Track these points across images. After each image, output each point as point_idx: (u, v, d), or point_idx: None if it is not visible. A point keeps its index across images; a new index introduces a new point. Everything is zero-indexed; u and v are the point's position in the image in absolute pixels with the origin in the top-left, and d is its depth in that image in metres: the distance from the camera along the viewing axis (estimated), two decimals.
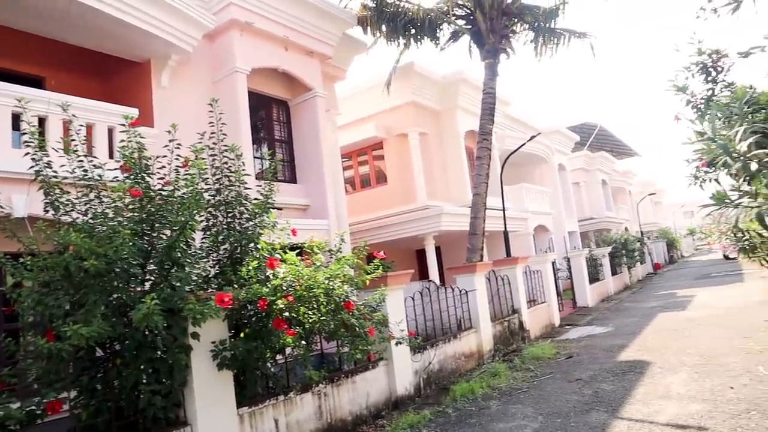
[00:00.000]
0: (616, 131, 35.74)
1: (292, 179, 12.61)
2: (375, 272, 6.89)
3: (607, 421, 6.59)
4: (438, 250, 18.78)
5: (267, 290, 5.45)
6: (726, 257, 37.65)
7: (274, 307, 5.45)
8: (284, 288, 5.53)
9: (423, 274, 17.12)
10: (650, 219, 50.54)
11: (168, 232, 5.50)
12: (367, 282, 6.81)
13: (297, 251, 6.55)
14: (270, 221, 6.53)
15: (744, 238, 7.71)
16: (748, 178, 3.45)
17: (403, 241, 17.30)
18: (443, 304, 10.70)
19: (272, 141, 12.57)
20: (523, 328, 13.32)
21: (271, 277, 5.77)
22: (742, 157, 3.38)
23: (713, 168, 6.86)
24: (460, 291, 11.06)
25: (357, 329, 6.11)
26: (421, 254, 17.55)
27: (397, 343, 7.84)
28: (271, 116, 12.66)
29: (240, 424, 5.87)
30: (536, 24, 15.34)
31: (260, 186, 6.88)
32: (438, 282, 13.67)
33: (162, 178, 5.82)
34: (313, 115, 12.55)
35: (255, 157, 10.97)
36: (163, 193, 5.65)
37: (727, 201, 3.72)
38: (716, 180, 7.22)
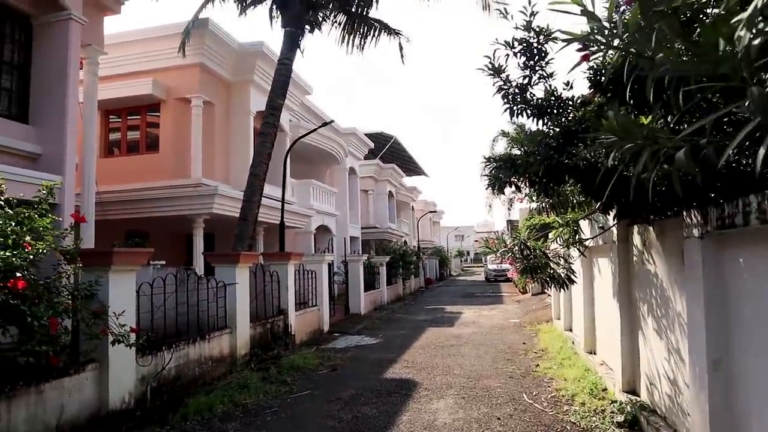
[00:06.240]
0: (409, 147, 36.66)
1: (22, 118, 9.71)
2: (78, 242, 4.86)
3: None
4: (211, 238, 16.68)
5: None
6: (487, 280, 40.88)
7: None
8: None
9: (190, 262, 14.84)
10: (427, 236, 53.37)
11: None
12: (59, 252, 4.76)
13: None
14: None
15: (529, 257, 7.19)
16: None
17: (171, 222, 14.94)
18: (194, 297, 8.81)
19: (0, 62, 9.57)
20: (288, 332, 11.91)
21: None
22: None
23: (514, 170, 6.13)
24: (217, 283, 9.27)
25: (28, 319, 4.06)
26: (191, 240, 15.25)
27: (114, 342, 5.91)
28: (3, 31, 9.65)
29: None
30: (349, 7, 14.26)
31: None
32: (203, 273, 11.70)
33: None
34: (63, 43, 9.81)
35: None
36: None
37: None
38: (516, 185, 6.53)
